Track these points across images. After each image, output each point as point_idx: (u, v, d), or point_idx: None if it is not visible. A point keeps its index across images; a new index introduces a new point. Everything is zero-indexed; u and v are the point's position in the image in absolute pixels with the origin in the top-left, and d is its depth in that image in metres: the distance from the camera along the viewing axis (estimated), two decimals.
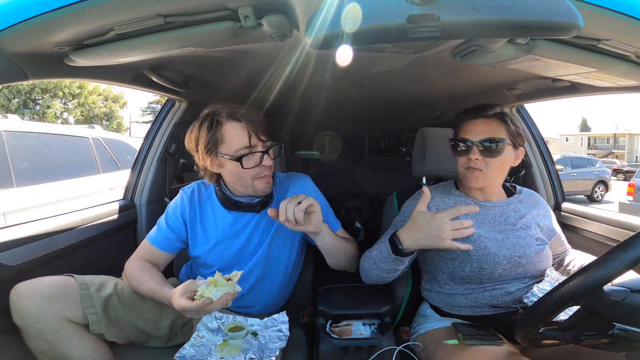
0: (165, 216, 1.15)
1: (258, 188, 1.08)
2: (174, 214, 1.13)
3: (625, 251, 0.62)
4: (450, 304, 1.07)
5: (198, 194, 1.16)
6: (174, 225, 1.12)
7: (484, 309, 1.02)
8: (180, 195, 1.17)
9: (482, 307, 1.02)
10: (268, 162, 1.05)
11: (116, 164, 4.07)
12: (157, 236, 1.13)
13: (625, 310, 0.63)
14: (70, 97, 19.62)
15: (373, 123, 2.78)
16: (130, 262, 1.10)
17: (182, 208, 1.13)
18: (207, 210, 1.14)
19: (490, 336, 0.93)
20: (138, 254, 1.12)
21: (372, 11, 0.54)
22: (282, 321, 0.99)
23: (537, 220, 1.09)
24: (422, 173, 1.43)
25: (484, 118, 1.05)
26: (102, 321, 0.95)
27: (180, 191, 1.18)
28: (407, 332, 1.15)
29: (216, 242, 1.12)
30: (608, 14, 0.63)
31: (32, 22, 0.66)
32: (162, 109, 1.68)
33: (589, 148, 41.68)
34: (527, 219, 1.07)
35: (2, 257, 1.01)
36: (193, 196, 1.15)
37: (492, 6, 0.53)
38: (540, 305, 0.71)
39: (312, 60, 1.03)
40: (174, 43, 0.77)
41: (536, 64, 0.86)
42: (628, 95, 6.49)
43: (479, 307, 1.03)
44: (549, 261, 1.06)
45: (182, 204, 1.14)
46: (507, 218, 1.06)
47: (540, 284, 0.99)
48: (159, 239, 1.12)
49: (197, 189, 1.17)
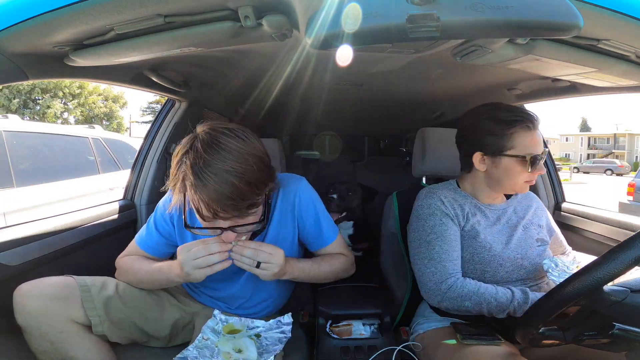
0: (155, 219, 1.06)
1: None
2: (162, 218, 1.04)
3: (625, 251, 0.61)
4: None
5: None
6: (164, 230, 1.05)
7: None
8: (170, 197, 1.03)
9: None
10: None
11: (116, 164, 4.07)
12: (147, 241, 1.06)
13: (625, 310, 0.63)
14: (70, 97, 19.63)
15: (373, 123, 2.78)
16: (121, 258, 1.07)
17: (172, 213, 1.03)
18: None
19: (489, 336, 0.93)
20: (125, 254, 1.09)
21: (372, 11, 0.54)
22: (286, 322, 0.96)
23: (535, 219, 1.09)
24: (422, 173, 1.43)
25: (538, 130, 1.01)
26: (104, 322, 0.94)
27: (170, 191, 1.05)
28: (407, 332, 1.15)
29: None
30: (608, 14, 0.63)
31: (32, 22, 0.66)
32: (162, 109, 1.68)
33: (589, 148, 41.71)
34: (526, 220, 1.07)
35: (2, 257, 1.00)
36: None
37: (492, 6, 0.53)
38: (540, 305, 0.71)
39: (312, 60, 1.03)
40: (174, 43, 0.77)
41: (536, 64, 0.86)
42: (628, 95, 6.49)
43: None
44: None
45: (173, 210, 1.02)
46: (508, 220, 1.07)
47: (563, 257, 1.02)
48: (150, 244, 1.06)
49: None
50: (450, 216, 1.04)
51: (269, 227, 1.03)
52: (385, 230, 1.37)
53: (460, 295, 0.94)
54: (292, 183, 1.06)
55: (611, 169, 25.49)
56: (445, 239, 1.00)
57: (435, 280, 0.97)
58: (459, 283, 0.95)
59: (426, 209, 1.06)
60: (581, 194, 10.77)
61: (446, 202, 1.06)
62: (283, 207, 1.04)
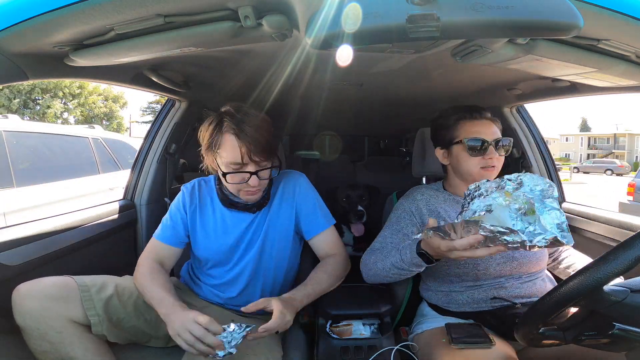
0: (170, 213, 1.17)
1: (242, 198, 1.10)
2: (176, 209, 1.16)
3: (625, 251, 0.61)
4: (447, 302, 1.08)
5: (198, 188, 1.19)
6: (177, 219, 1.14)
7: (481, 304, 1.03)
8: (182, 190, 1.19)
9: (480, 303, 1.04)
10: (254, 183, 1.03)
11: (116, 164, 4.07)
12: (163, 232, 1.14)
13: (625, 310, 0.63)
14: (70, 97, 19.63)
15: (373, 123, 2.78)
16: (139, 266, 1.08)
17: (184, 202, 1.16)
18: (207, 205, 1.17)
19: (480, 338, 0.93)
20: (146, 254, 1.12)
21: (372, 11, 0.54)
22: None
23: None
24: (422, 173, 1.43)
25: (487, 120, 1.08)
26: (104, 323, 0.95)
27: (182, 187, 1.21)
28: (406, 332, 1.15)
29: (213, 237, 1.13)
30: (608, 14, 0.63)
31: (32, 22, 0.66)
32: (162, 109, 1.68)
33: (589, 148, 41.72)
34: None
35: (2, 257, 1.01)
36: (194, 191, 1.18)
37: (492, 6, 0.53)
38: (540, 305, 0.71)
39: (312, 60, 1.03)
40: (174, 43, 0.77)
41: (536, 64, 0.86)
42: (628, 95, 6.50)
43: (476, 303, 1.04)
44: (542, 255, 1.07)
45: (184, 198, 1.16)
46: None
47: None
48: (166, 235, 1.13)
49: (198, 185, 1.20)
50: (410, 213, 1.12)
51: (271, 206, 1.15)
52: None
53: (367, 262, 1.08)
54: (293, 175, 1.23)
55: (611, 169, 25.55)
56: (397, 233, 1.12)
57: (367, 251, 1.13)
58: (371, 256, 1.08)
59: (398, 204, 1.20)
60: (581, 194, 10.77)
61: (420, 199, 1.14)
62: (284, 192, 1.18)
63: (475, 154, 1.06)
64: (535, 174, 1.65)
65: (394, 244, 1.08)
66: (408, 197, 1.18)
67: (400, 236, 1.10)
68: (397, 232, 1.12)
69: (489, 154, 1.05)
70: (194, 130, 1.76)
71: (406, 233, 1.11)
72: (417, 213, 1.12)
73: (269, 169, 1.07)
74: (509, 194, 0.76)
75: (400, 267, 0.96)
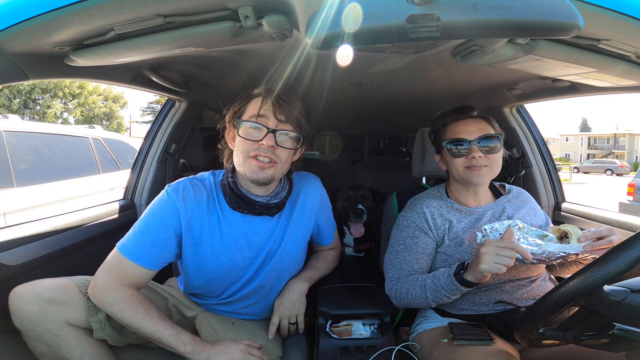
0: (147, 223, 0.94)
1: (251, 171, 0.93)
2: (161, 219, 0.94)
3: (625, 251, 0.62)
4: (450, 305, 1.07)
5: (193, 192, 0.97)
6: (163, 233, 0.93)
7: (482, 307, 1.03)
8: (166, 194, 0.96)
9: (481, 306, 1.03)
10: (269, 142, 0.91)
11: (116, 164, 4.07)
12: (138, 251, 0.92)
13: (625, 310, 0.63)
14: (71, 97, 19.63)
15: (373, 123, 2.78)
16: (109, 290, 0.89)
17: (176, 209, 0.94)
18: (210, 211, 0.98)
19: (481, 336, 0.93)
20: (113, 276, 0.91)
21: (372, 11, 0.54)
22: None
23: (527, 218, 1.10)
24: (422, 173, 1.43)
25: (472, 118, 1.07)
26: (105, 328, 0.93)
27: (165, 190, 0.98)
28: (407, 332, 1.15)
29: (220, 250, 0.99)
30: (608, 14, 0.63)
31: (32, 22, 0.66)
32: (162, 109, 1.68)
33: (589, 148, 41.72)
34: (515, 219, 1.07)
35: (2, 257, 1.01)
36: (186, 194, 0.96)
37: (492, 6, 0.53)
38: (540, 305, 0.71)
39: (312, 60, 1.03)
40: (174, 43, 0.77)
41: (536, 64, 0.86)
42: (628, 95, 6.49)
43: (478, 306, 1.04)
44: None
45: (174, 204, 0.94)
46: (490, 220, 1.08)
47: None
48: (142, 255, 0.92)
49: (190, 185, 0.98)
50: (425, 230, 1.08)
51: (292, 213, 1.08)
52: (385, 230, 1.37)
53: (397, 294, 1.06)
54: (314, 182, 1.16)
55: (611, 169, 25.57)
56: (411, 251, 1.08)
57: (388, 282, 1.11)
58: (397, 285, 1.07)
59: (404, 220, 1.14)
60: (581, 194, 10.77)
61: (427, 213, 1.10)
62: (307, 201, 1.11)
63: (456, 154, 1.05)
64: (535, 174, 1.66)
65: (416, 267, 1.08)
66: (413, 210, 1.13)
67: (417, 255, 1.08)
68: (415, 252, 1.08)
69: (471, 153, 1.03)
70: (193, 131, 1.76)
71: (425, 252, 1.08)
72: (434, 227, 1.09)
73: (289, 137, 0.96)
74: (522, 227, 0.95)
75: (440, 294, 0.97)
